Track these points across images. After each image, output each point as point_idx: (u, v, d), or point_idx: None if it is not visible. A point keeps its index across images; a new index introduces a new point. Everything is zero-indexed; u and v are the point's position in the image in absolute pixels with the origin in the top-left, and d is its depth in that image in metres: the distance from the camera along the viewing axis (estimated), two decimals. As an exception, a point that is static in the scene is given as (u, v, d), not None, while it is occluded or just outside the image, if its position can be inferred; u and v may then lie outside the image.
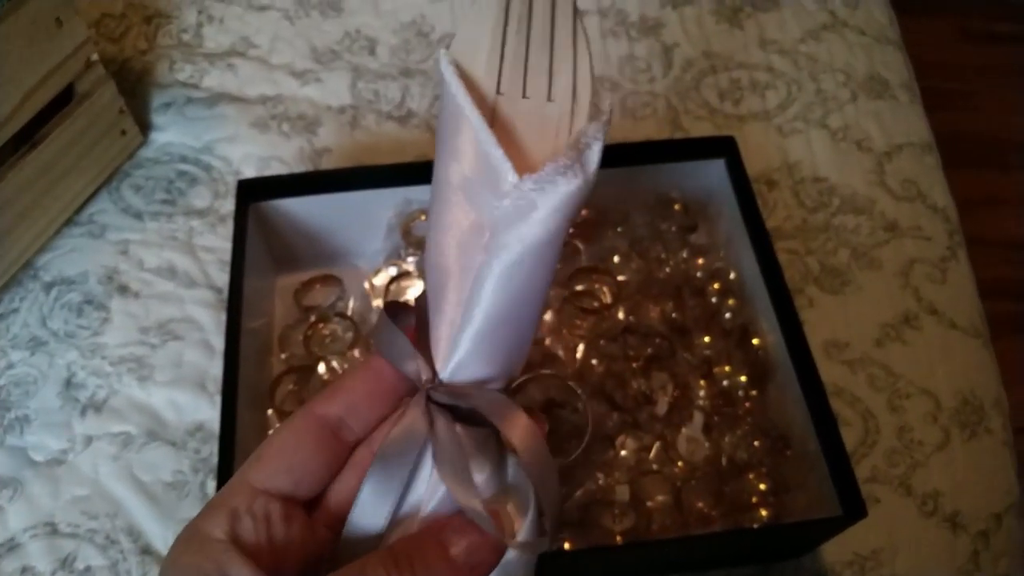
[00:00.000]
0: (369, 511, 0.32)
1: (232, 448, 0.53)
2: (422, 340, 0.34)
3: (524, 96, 0.31)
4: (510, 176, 0.28)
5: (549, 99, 0.31)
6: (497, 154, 0.29)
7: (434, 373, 0.33)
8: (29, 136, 0.63)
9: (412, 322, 0.35)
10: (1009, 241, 1.60)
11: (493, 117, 0.31)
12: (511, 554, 0.32)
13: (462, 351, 0.31)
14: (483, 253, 0.30)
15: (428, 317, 0.33)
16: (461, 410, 0.32)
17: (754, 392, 0.60)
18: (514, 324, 0.31)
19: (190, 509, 0.59)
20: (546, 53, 0.31)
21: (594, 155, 0.30)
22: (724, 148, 0.65)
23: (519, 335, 0.32)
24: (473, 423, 0.32)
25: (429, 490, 0.32)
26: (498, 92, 0.31)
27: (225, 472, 0.51)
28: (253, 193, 0.63)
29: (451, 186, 0.30)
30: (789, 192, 0.75)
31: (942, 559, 0.59)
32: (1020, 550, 0.61)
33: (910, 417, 0.64)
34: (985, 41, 1.87)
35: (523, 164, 0.29)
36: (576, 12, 0.31)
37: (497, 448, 0.33)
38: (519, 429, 0.31)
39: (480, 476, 0.31)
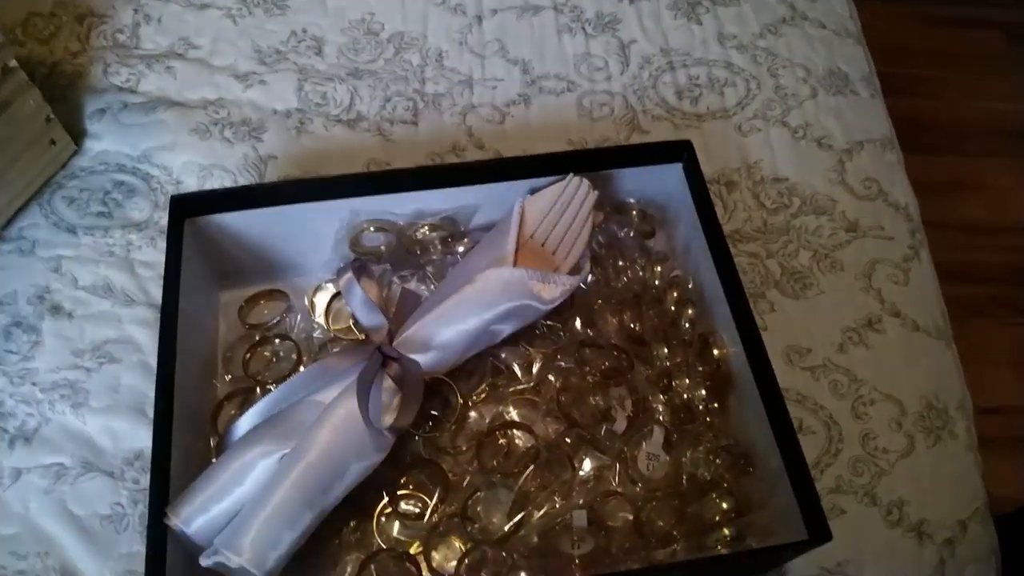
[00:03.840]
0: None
1: (167, 478, 0.50)
2: (398, 314, 0.58)
3: (542, 245, 0.59)
4: (509, 264, 0.56)
5: (553, 253, 0.59)
6: (510, 251, 0.57)
7: (391, 335, 0.55)
8: (-57, 150, 0.60)
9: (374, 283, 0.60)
10: (969, 225, 1.61)
11: (520, 244, 0.58)
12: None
13: (427, 336, 0.55)
14: (484, 308, 0.55)
15: (410, 305, 0.59)
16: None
17: (715, 405, 0.58)
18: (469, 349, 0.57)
19: (129, 544, 0.56)
20: (564, 230, 0.60)
21: (562, 291, 0.57)
22: (680, 152, 0.63)
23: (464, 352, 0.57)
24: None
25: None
26: (531, 237, 0.59)
27: (158, 503, 0.48)
28: (189, 209, 0.59)
29: (485, 255, 0.59)
30: (749, 193, 0.73)
31: (909, 569, 0.58)
32: (986, 556, 0.61)
33: (874, 424, 0.63)
34: (946, 25, 1.87)
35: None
36: (590, 214, 0.61)
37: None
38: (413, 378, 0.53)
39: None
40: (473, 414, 0.57)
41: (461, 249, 0.64)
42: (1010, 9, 1.93)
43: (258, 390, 0.59)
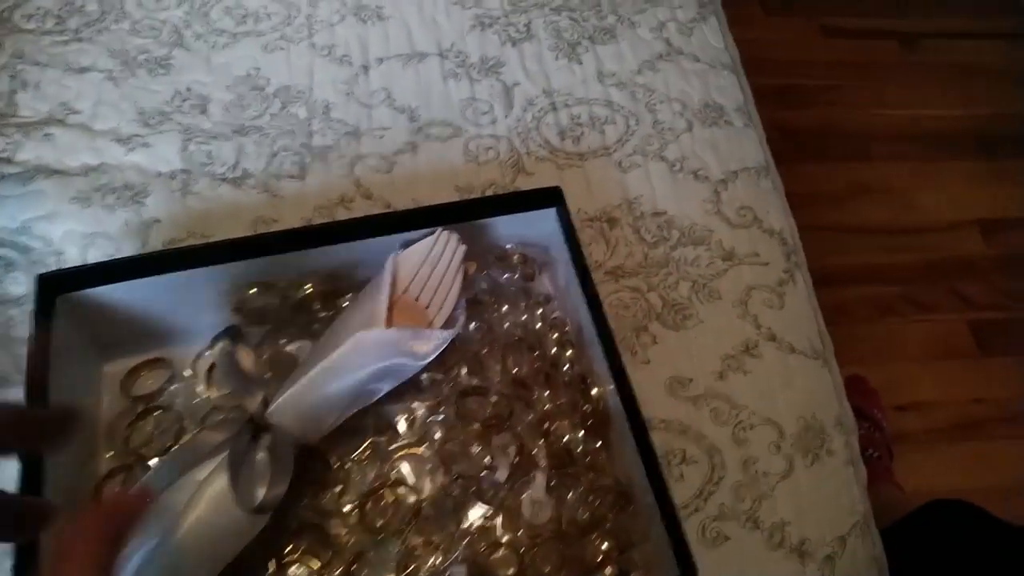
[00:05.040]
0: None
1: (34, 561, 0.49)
2: (275, 381, 0.58)
3: (416, 299, 0.61)
4: (381, 324, 0.57)
5: (427, 307, 0.61)
6: (382, 309, 0.58)
7: (266, 401, 0.55)
8: None
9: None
10: (876, 227, 1.68)
11: (393, 300, 0.59)
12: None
13: (299, 402, 0.55)
14: (357, 370, 0.56)
15: (285, 370, 0.59)
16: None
17: (598, 444, 0.60)
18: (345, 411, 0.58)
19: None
20: (436, 283, 0.62)
21: (435, 345, 0.59)
22: (552, 198, 0.65)
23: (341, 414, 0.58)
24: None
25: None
26: (404, 292, 0.61)
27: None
28: (61, 285, 0.59)
29: (357, 315, 0.59)
30: (630, 229, 0.75)
31: (793, 589, 0.61)
32: (866, 566, 0.63)
33: (754, 448, 0.65)
34: (844, 36, 1.96)
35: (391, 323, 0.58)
36: (461, 266, 0.63)
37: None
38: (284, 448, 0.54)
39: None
40: (356, 476, 0.57)
41: (345, 304, 0.64)
42: (904, 20, 2.02)
43: (138, 466, 0.58)
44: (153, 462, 0.57)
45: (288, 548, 0.55)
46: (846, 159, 1.78)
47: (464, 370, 0.62)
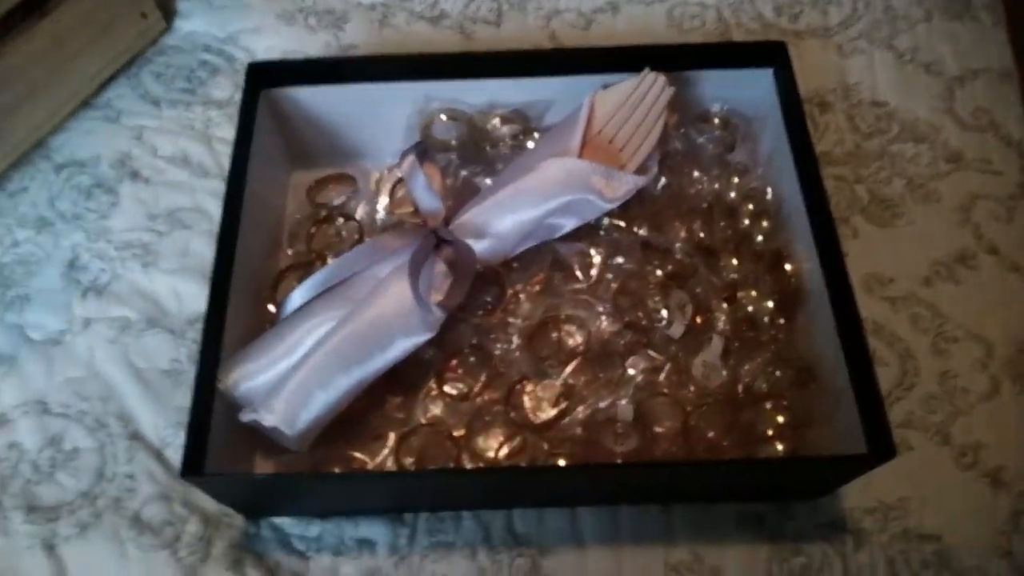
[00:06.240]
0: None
1: (220, 336, 0.51)
2: (457, 201, 0.57)
3: (610, 142, 0.57)
4: (575, 153, 0.55)
5: (620, 150, 0.57)
6: (576, 143, 0.55)
7: (447, 220, 0.54)
8: (39, 5, 0.61)
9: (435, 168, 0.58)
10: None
11: (586, 140, 0.56)
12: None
13: (482, 223, 0.54)
14: (542, 199, 0.54)
15: (469, 193, 0.58)
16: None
17: (781, 320, 0.55)
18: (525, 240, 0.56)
19: (184, 398, 0.57)
20: (634, 127, 0.57)
21: (626, 190, 0.55)
22: (773, 56, 0.59)
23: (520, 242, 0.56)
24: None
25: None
26: (599, 132, 0.57)
27: (209, 357, 0.49)
28: (265, 77, 0.60)
29: (549, 147, 0.57)
30: (843, 116, 0.68)
31: (978, 516, 0.54)
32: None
33: (955, 362, 0.58)
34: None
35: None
36: (663, 113, 0.58)
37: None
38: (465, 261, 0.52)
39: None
40: (527, 306, 0.56)
41: (531, 145, 0.62)
42: None
43: (318, 264, 0.59)
44: (331, 261, 0.58)
45: (452, 364, 0.54)
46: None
47: (646, 228, 0.59)
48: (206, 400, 0.49)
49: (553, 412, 0.51)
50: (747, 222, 0.59)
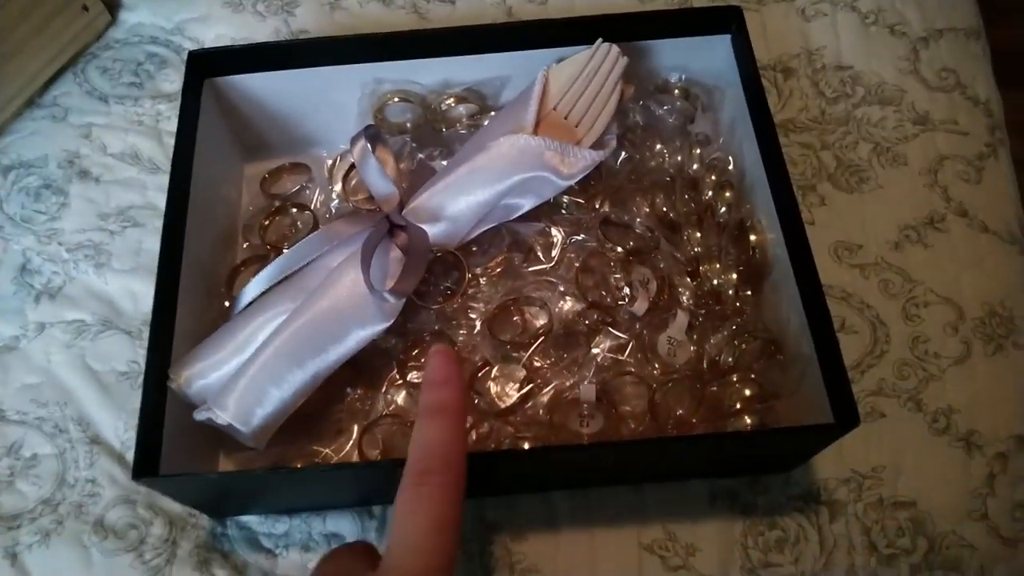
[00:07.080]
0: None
1: (170, 334, 0.49)
2: (412, 185, 0.56)
3: (565, 118, 0.55)
4: (529, 130, 0.53)
5: (576, 125, 0.55)
6: (530, 121, 0.53)
7: (401, 204, 0.53)
8: (-29, 1, 0.59)
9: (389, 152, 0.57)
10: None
11: (541, 117, 0.54)
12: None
13: (436, 206, 0.53)
14: (497, 179, 0.52)
15: (424, 176, 0.56)
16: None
17: (747, 293, 0.54)
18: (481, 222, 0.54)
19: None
20: (589, 101, 0.55)
21: (583, 166, 0.53)
22: (729, 21, 0.58)
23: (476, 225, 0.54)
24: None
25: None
26: (554, 108, 0.55)
27: (157, 356, 0.48)
28: (209, 66, 0.58)
29: (502, 126, 0.54)
30: (807, 81, 0.67)
31: (952, 481, 0.53)
32: (1043, 475, 0.55)
33: (926, 327, 0.57)
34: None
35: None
36: (618, 84, 0.56)
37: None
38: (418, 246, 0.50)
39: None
40: (488, 289, 0.54)
41: (488, 122, 0.61)
42: None
43: (273, 257, 0.58)
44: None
45: (413, 353, 0.53)
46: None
47: (607, 204, 0.58)
48: (156, 400, 0.47)
49: (516, 396, 0.50)
50: (710, 194, 0.58)
